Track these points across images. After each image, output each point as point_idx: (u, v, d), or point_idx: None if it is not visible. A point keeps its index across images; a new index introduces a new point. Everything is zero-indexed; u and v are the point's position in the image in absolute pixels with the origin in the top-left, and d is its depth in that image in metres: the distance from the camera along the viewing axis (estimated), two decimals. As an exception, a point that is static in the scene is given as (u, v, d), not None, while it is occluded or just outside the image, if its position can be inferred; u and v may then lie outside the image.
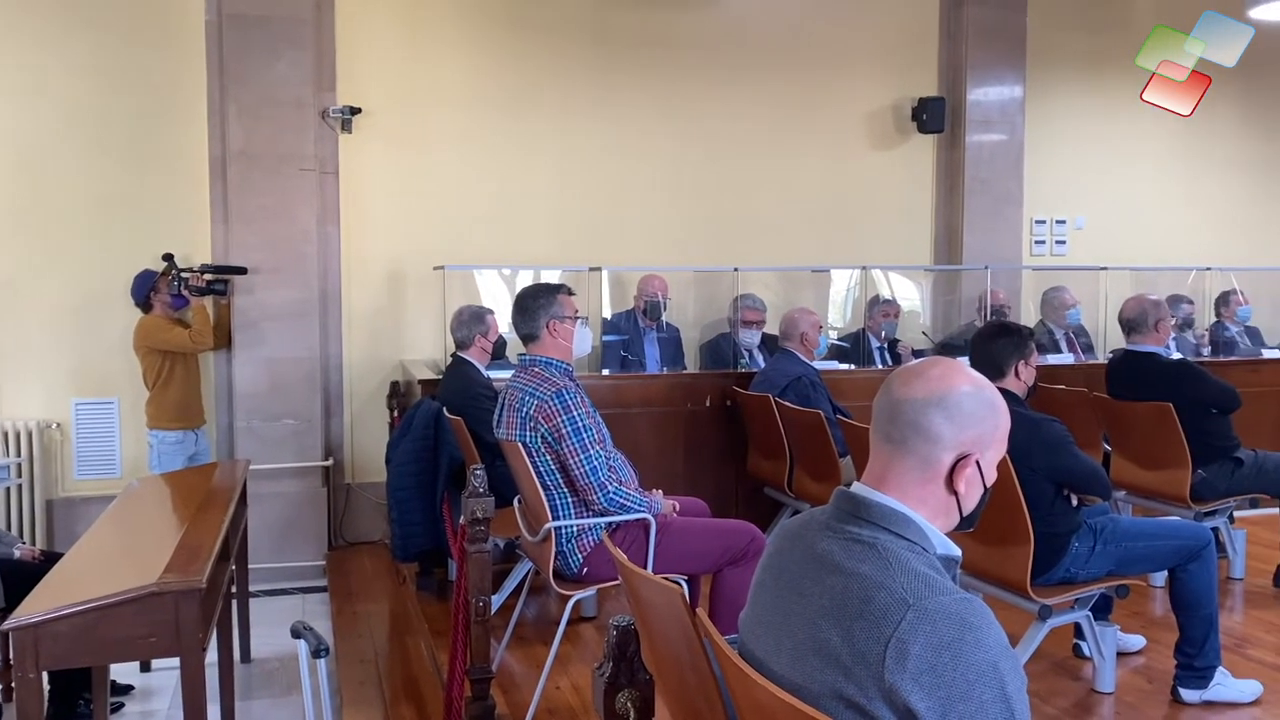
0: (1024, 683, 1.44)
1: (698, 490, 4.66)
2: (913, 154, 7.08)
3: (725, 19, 6.67)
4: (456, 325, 4.88)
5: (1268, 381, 6.33)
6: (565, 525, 3.46)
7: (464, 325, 4.85)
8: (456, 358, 4.87)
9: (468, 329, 4.83)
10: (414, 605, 4.79)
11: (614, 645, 1.83)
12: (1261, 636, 4.21)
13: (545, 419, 3.42)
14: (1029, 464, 3.34)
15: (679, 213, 6.62)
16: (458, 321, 4.89)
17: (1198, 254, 7.34)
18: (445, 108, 6.16)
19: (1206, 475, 4.65)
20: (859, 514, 1.59)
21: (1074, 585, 3.51)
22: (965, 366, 1.69)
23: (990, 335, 3.71)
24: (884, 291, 6.80)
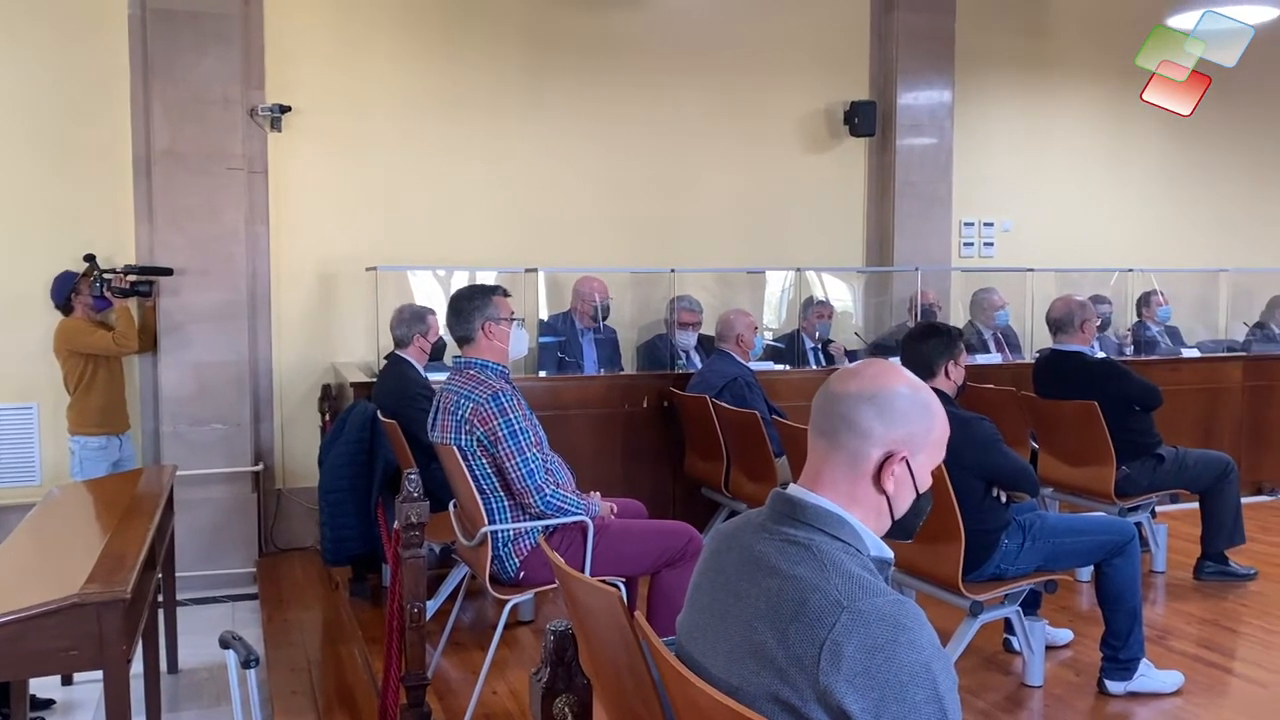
0: (955, 682, 1.46)
1: (635, 491, 4.67)
2: (845, 157, 7.16)
3: (659, 21, 6.68)
4: (396, 323, 4.82)
5: (1187, 380, 6.52)
6: (502, 529, 3.44)
7: (404, 323, 4.79)
8: (394, 356, 4.81)
9: (408, 327, 4.78)
10: (347, 612, 4.72)
11: (551, 650, 1.83)
12: (1182, 628, 4.34)
13: (481, 422, 3.39)
14: (959, 462, 3.39)
15: (615, 214, 6.62)
16: (398, 319, 4.83)
17: (1120, 256, 7.54)
18: (377, 107, 6.08)
19: (1130, 472, 4.78)
20: (794, 515, 1.60)
21: (1004, 581, 3.58)
22: (903, 369, 1.71)
23: (920, 336, 3.77)
24: (818, 293, 6.87)
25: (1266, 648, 4.11)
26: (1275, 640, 4.19)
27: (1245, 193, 8.25)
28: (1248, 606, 4.59)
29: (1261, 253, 8.18)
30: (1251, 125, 8.20)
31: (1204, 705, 3.58)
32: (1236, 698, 3.67)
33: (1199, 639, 4.22)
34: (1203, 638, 4.23)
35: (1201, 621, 4.42)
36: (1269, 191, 8.34)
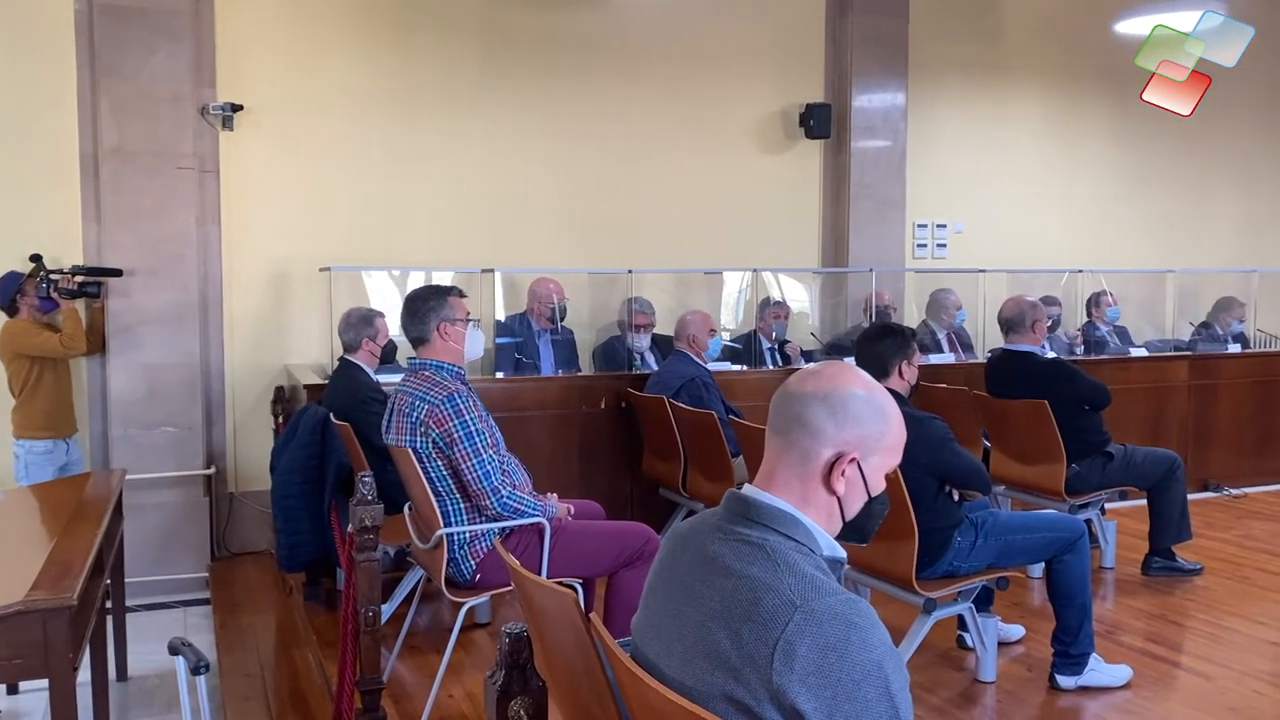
0: (907, 680, 1.47)
1: (593, 492, 4.67)
2: (801, 159, 7.21)
3: (616, 22, 6.68)
4: (344, 328, 4.78)
5: (1136, 379, 6.65)
6: (457, 531, 3.42)
7: (352, 328, 4.75)
8: (344, 361, 4.77)
9: (356, 331, 4.74)
10: (301, 616, 4.66)
11: (507, 653, 1.82)
12: (1131, 623, 4.42)
13: (436, 423, 3.37)
14: (913, 461, 3.40)
15: (572, 214, 6.61)
16: (345, 324, 4.79)
17: (1070, 257, 7.66)
18: (331, 106, 6.02)
19: (1080, 469, 4.86)
20: (749, 515, 1.60)
21: (957, 578, 3.63)
22: (862, 372, 1.71)
23: (875, 336, 3.81)
24: (774, 293, 6.91)
25: (1212, 641, 4.20)
26: (1220, 634, 4.28)
27: (1190, 195, 8.42)
28: (1194, 601, 4.69)
29: (1206, 254, 8.36)
30: (1195, 129, 8.35)
31: (1152, 698, 3.65)
32: (1183, 690, 3.75)
33: (1147, 633, 4.30)
34: (1151, 632, 4.31)
35: (1149, 616, 4.50)
36: (1213, 194, 8.52)
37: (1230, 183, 8.58)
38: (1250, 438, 7.03)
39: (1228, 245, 8.53)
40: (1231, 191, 8.59)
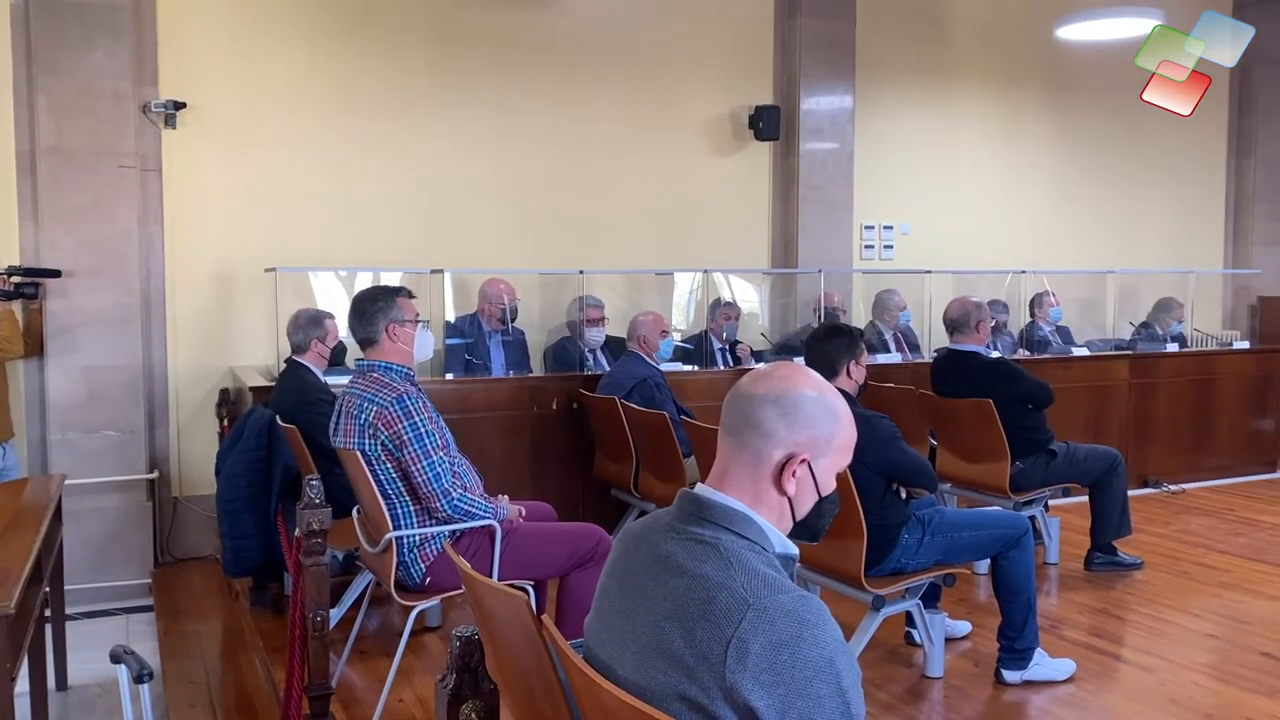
0: (858, 676, 1.48)
1: (544, 494, 4.66)
2: (750, 160, 7.25)
3: (567, 21, 6.67)
4: (293, 329, 4.72)
5: (1078, 378, 6.78)
6: (407, 534, 3.39)
7: (301, 329, 4.69)
8: (292, 362, 4.70)
9: (304, 332, 4.68)
10: (248, 622, 4.59)
11: (457, 656, 1.81)
12: (1074, 617, 4.50)
13: (385, 425, 3.34)
14: (861, 459, 3.44)
15: (522, 214, 6.58)
16: (294, 325, 4.73)
17: (1013, 258, 7.79)
18: (278, 103, 5.94)
19: (1024, 467, 4.95)
20: (701, 514, 1.61)
21: (905, 575, 3.67)
22: (814, 373, 1.72)
23: (823, 336, 3.85)
24: (725, 294, 6.94)
25: (1152, 634, 4.29)
26: (1160, 627, 4.37)
27: (1128, 197, 8.60)
28: (1135, 595, 4.79)
29: (1144, 255, 8.54)
30: (1134, 133, 8.55)
31: (1094, 691, 3.72)
32: (1124, 683, 3.83)
33: (1089, 627, 4.38)
34: (1093, 626, 4.40)
35: (1092, 610, 4.59)
36: (1149, 196, 8.71)
37: (1165, 186, 8.78)
38: (1188, 435, 7.20)
39: (1164, 247, 8.73)
40: (1167, 194, 8.79)
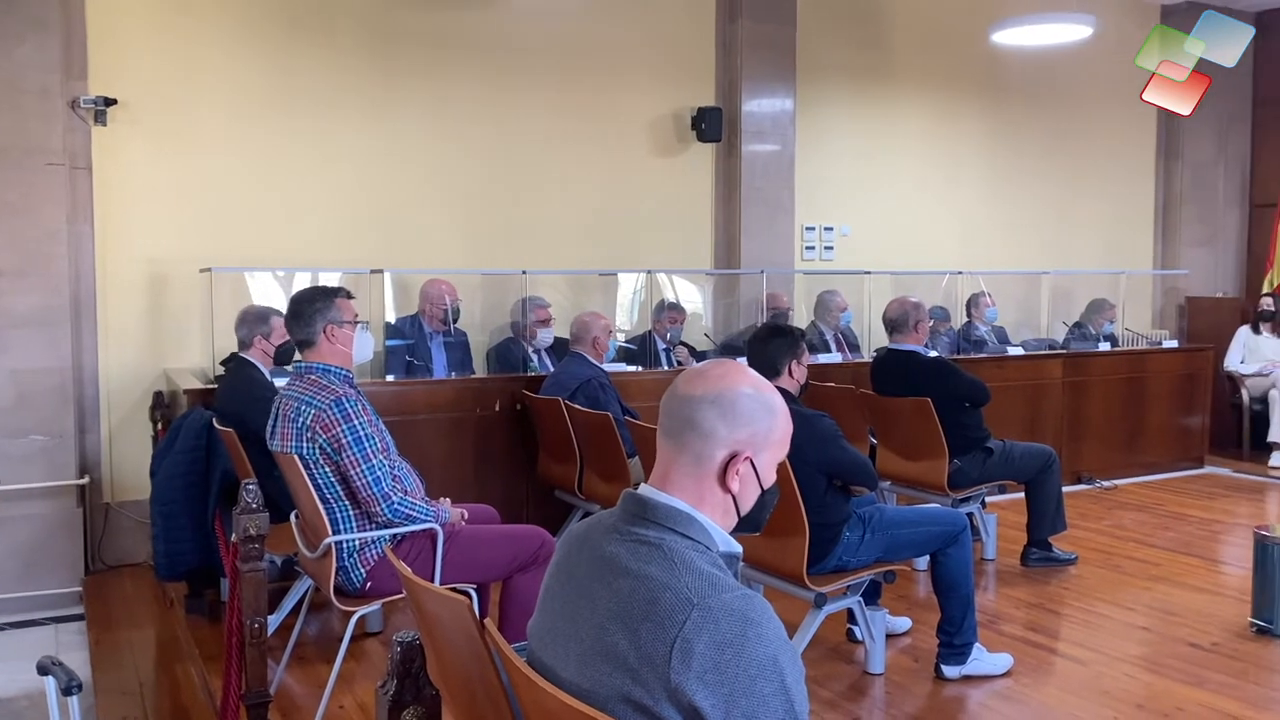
0: (802, 673, 1.49)
1: (488, 496, 4.62)
2: (693, 162, 7.28)
3: (508, 22, 6.63)
4: (239, 324, 4.66)
5: (1013, 377, 6.90)
6: (346, 539, 3.35)
7: (246, 324, 4.63)
8: (238, 358, 4.62)
9: (249, 328, 4.61)
10: (183, 630, 4.50)
11: (398, 661, 1.79)
12: (1011, 612, 4.58)
13: (324, 429, 3.29)
14: (803, 458, 3.50)
15: (464, 215, 6.53)
16: (240, 320, 4.67)
17: (950, 259, 7.91)
18: (213, 101, 5.82)
19: (961, 464, 5.03)
20: (645, 515, 1.61)
21: (846, 573, 3.71)
22: (749, 369, 1.73)
23: (765, 337, 3.87)
24: (668, 295, 6.96)
25: (1086, 628, 4.39)
26: (1094, 620, 4.47)
27: (1061, 200, 8.78)
28: (1069, 590, 4.89)
29: (1076, 256, 8.73)
30: (1067, 136, 8.74)
31: (1031, 685, 3.79)
32: (1060, 676, 3.90)
33: (1026, 622, 4.47)
34: (1030, 621, 4.49)
35: (1028, 605, 4.68)
36: (1084, 199, 8.90)
37: (1098, 189, 8.98)
38: (1120, 432, 7.38)
39: (1096, 248, 8.93)
40: (1099, 197, 9.00)
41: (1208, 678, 3.81)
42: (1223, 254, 9.41)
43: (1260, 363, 8.09)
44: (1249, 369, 8.13)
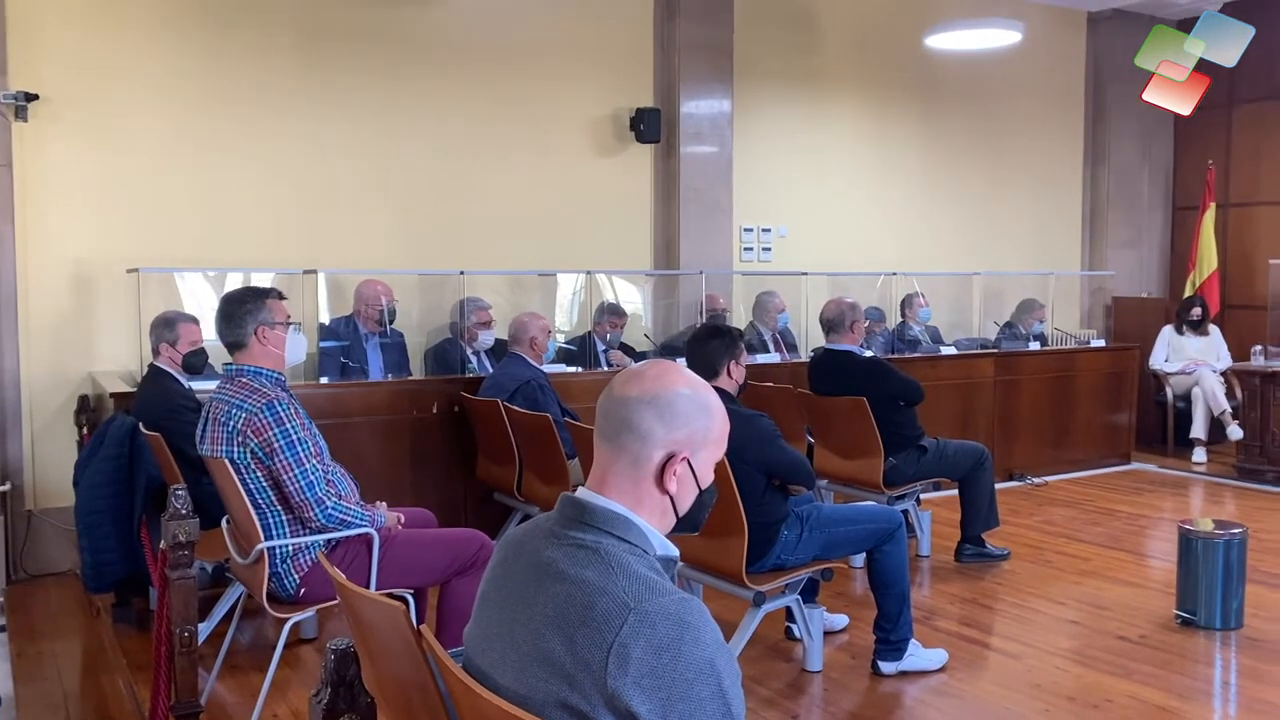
0: (739, 676, 1.49)
1: (424, 500, 4.58)
2: (632, 162, 7.28)
3: (446, 20, 6.57)
4: (150, 330, 4.55)
5: (946, 376, 7.02)
6: (279, 545, 3.28)
7: (153, 330, 4.54)
8: (154, 368, 4.52)
9: (156, 335, 4.53)
10: (110, 640, 4.39)
11: (332, 669, 1.75)
12: (946, 608, 4.66)
13: (255, 432, 3.22)
14: (741, 458, 3.52)
15: (400, 215, 6.46)
16: (150, 326, 4.56)
17: (885, 260, 8.02)
18: (140, 97, 5.68)
19: (896, 462, 5.09)
20: (582, 519, 1.60)
21: (784, 571, 3.74)
22: (684, 369, 1.73)
23: (703, 337, 3.88)
24: (608, 295, 6.95)
25: (1018, 622, 4.47)
26: (1026, 615, 4.56)
27: (991, 202, 8.93)
28: (1002, 585, 4.98)
29: (1007, 258, 8.89)
30: (998, 140, 8.91)
31: (965, 679, 3.85)
32: (994, 670, 3.97)
33: (960, 617, 4.54)
34: (964, 616, 4.56)
35: (963, 601, 4.76)
36: (1015, 202, 9.08)
37: (1027, 192, 9.16)
38: (1049, 430, 7.54)
39: (1026, 250, 9.11)
40: (1029, 200, 9.18)
41: (1135, 669, 3.90)
42: (1147, 255, 9.66)
43: (1183, 361, 8.32)
44: (1173, 367, 8.36)
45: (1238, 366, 7.80)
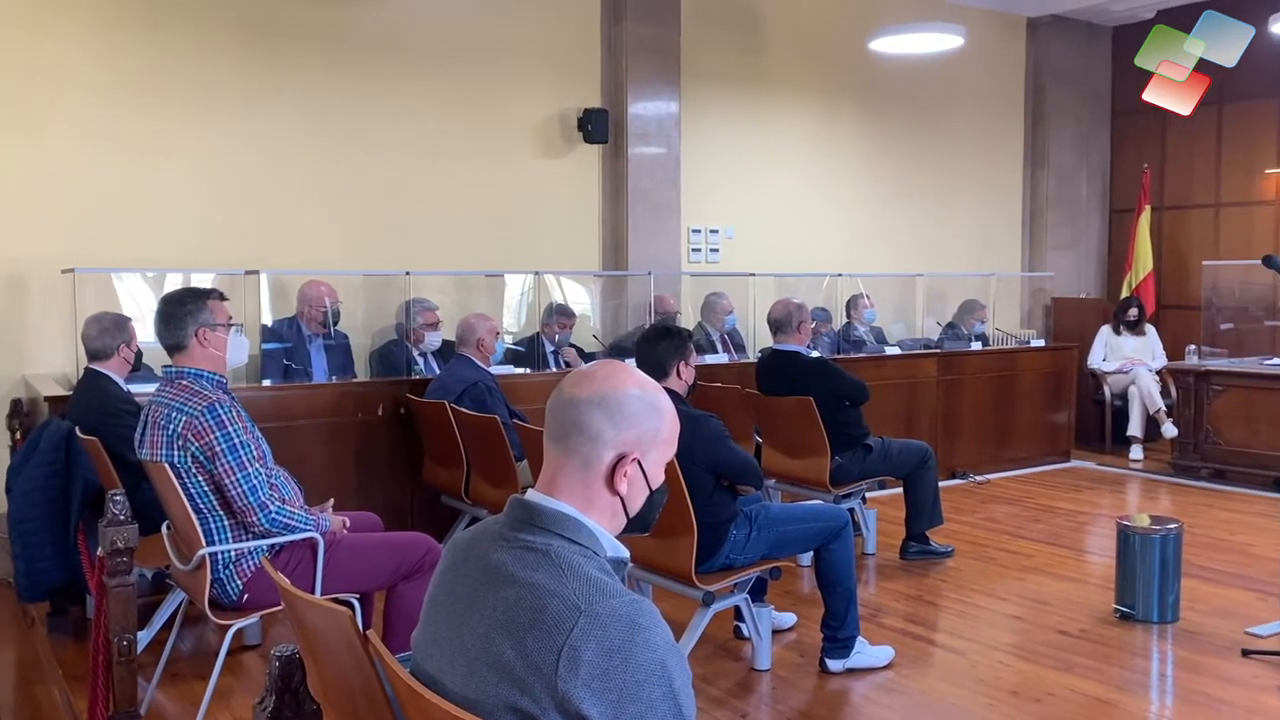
0: (689, 677, 1.49)
1: (371, 503, 4.53)
2: (580, 163, 7.26)
3: (390, 19, 6.50)
4: (96, 334, 4.40)
5: (891, 376, 7.10)
6: (222, 550, 3.22)
7: (106, 333, 4.39)
8: (90, 372, 4.40)
9: (111, 338, 4.38)
10: (45, 650, 4.27)
11: (276, 676, 1.73)
12: (892, 605, 4.71)
13: (196, 436, 3.16)
14: (690, 458, 3.53)
15: (343, 214, 6.38)
16: (98, 329, 4.40)
17: (830, 261, 8.09)
18: (73, 92, 5.55)
19: (843, 461, 5.14)
20: (532, 521, 1.59)
21: (733, 570, 3.76)
22: (634, 369, 1.73)
23: (652, 338, 3.89)
24: (556, 296, 6.93)
25: (963, 619, 4.54)
26: (970, 611, 4.63)
27: (933, 205, 9.06)
28: (946, 582, 5.05)
29: (949, 259, 9.02)
30: (940, 142, 9.03)
31: (911, 676, 3.90)
32: (939, 666, 4.02)
33: (906, 614, 4.59)
34: (909, 613, 4.61)
35: (908, 598, 4.82)
36: (957, 204, 9.21)
37: (969, 194, 9.31)
38: (991, 428, 7.66)
39: (968, 251, 9.25)
40: (970, 202, 9.33)
41: (1075, 663, 3.98)
42: (1085, 257, 9.86)
43: (1120, 360, 8.51)
44: (1110, 366, 8.55)
45: (1172, 365, 7.98)
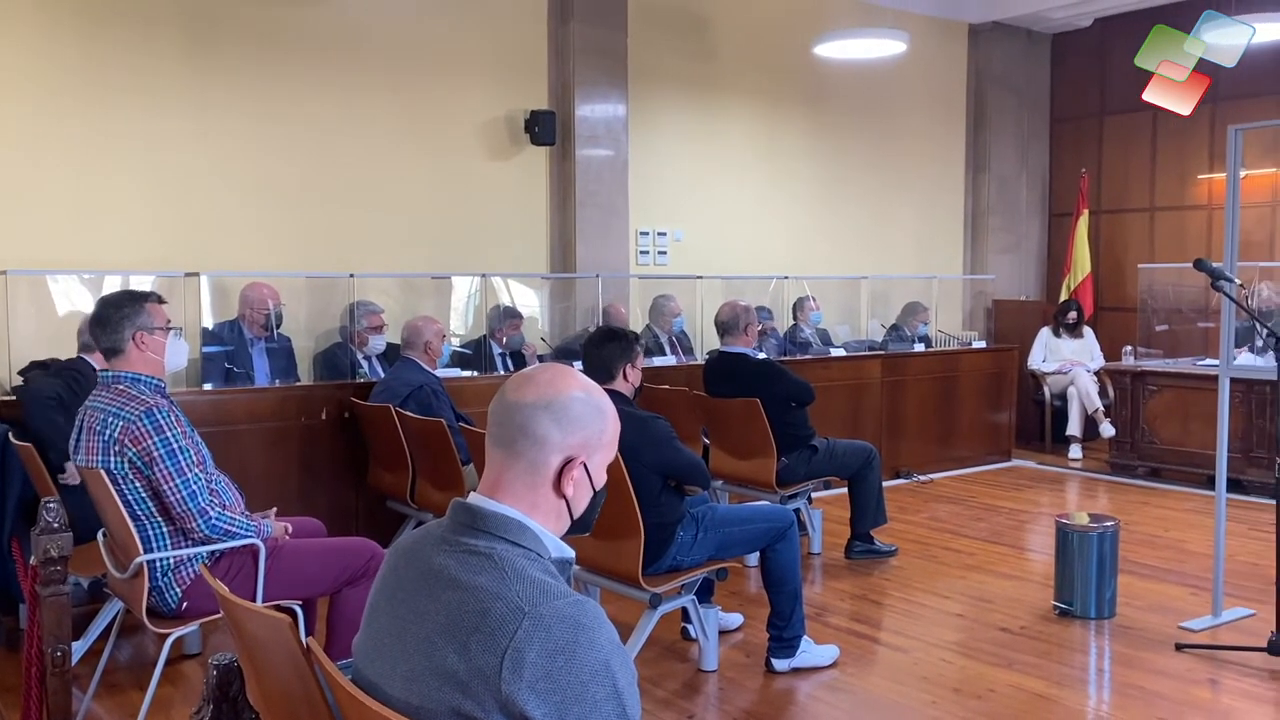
0: (634, 676, 1.50)
1: (314, 508, 4.48)
2: (527, 165, 7.24)
3: (335, 17, 6.42)
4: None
5: (836, 377, 7.17)
6: (160, 557, 3.16)
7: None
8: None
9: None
10: (-24, 662, 4.16)
11: (214, 686, 1.70)
12: (837, 604, 4.75)
13: (133, 441, 3.10)
14: (638, 459, 3.53)
15: (286, 215, 6.29)
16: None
17: (777, 264, 8.16)
18: (8, 91, 5.41)
19: (789, 462, 5.19)
20: (475, 524, 1.58)
21: (680, 572, 3.77)
22: (576, 372, 1.73)
23: (599, 341, 3.89)
24: (504, 298, 6.89)
25: (907, 617, 4.59)
26: (914, 609, 4.69)
27: (876, 209, 9.15)
28: (890, 581, 5.11)
29: (892, 262, 9.14)
30: (884, 146, 9.14)
31: (856, 674, 3.94)
32: (883, 664, 4.07)
33: (851, 613, 4.64)
34: (854, 612, 4.66)
35: (853, 597, 4.87)
36: (894, 208, 9.30)
37: (912, 198, 9.42)
38: (934, 428, 7.77)
39: (911, 254, 9.37)
40: (913, 206, 9.44)
41: (1016, 659, 4.05)
42: (1025, 260, 10.04)
43: (1059, 361, 8.67)
44: (1050, 367, 8.71)
45: (1110, 366, 8.15)
